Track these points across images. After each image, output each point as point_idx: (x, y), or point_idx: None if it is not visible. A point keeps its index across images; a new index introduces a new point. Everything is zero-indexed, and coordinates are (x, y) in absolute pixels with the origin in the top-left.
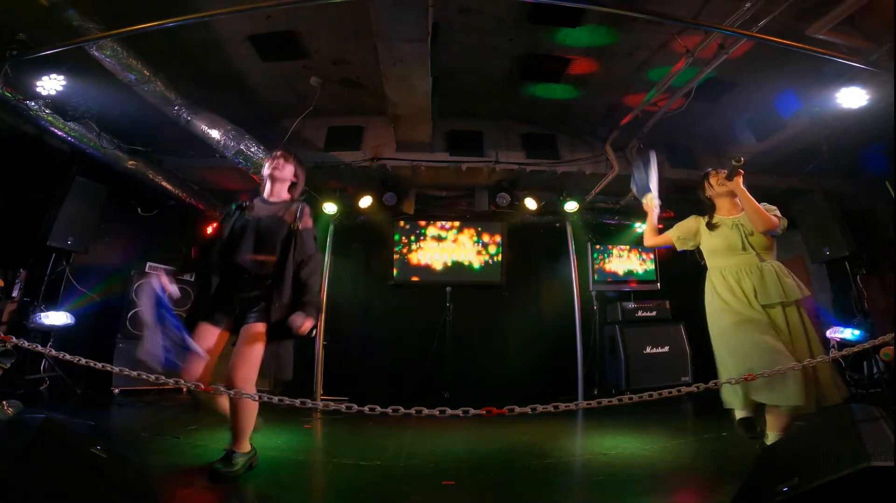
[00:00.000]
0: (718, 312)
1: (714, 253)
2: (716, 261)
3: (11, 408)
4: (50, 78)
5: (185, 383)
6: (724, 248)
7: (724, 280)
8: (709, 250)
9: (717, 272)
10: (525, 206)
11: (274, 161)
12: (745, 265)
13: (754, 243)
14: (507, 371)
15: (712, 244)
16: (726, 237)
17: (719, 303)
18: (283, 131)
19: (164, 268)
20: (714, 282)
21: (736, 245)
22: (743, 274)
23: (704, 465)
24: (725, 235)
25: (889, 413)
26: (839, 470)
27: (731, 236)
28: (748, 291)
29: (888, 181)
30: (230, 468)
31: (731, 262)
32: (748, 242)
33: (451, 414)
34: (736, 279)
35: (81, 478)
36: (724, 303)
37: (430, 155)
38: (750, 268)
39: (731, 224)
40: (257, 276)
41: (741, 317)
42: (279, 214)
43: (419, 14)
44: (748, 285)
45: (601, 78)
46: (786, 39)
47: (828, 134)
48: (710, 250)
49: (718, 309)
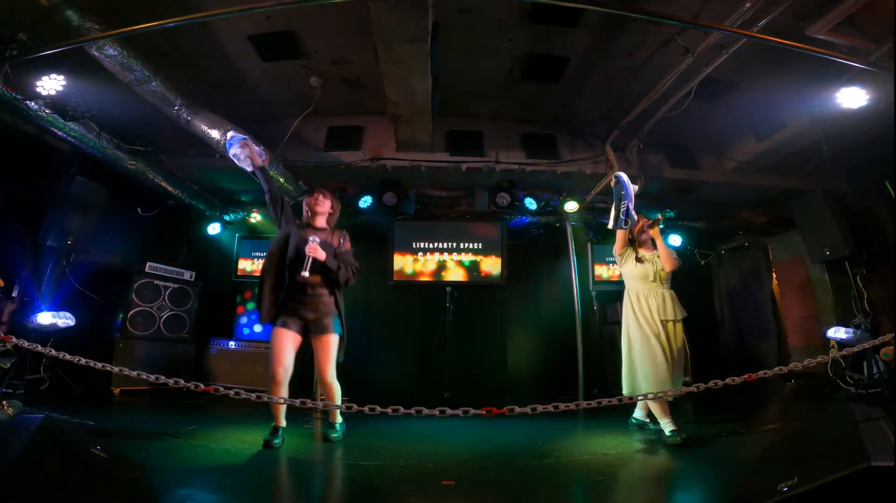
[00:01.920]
0: (632, 322)
1: (634, 278)
2: (633, 283)
3: (11, 408)
4: (50, 78)
5: (187, 383)
6: (641, 276)
7: (638, 299)
8: (630, 275)
9: (633, 292)
10: (525, 205)
11: (314, 198)
12: (653, 290)
13: (660, 276)
14: (507, 371)
15: (634, 272)
16: (644, 268)
17: (632, 315)
18: (283, 131)
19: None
20: (631, 299)
21: (649, 275)
22: (651, 296)
23: (704, 465)
24: (644, 267)
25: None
26: (839, 470)
27: (648, 268)
28: (653, 309)
29: (888, 181)
30: (335, 433)
31: (644, 287)
32: (657, 275)
33: (451, 414)
34: (646, 299)
35: (81, 478)
36: (635, 316)
37: (430, 155)
38: (655, 292)
39: (648, 259)
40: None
41: (644, 330)
42: (328, 240)
43: (419, 14)
44: (654, 304)
45: (601, 78)
46: (786, 39)
47: (828, 134)
48: (631, 275)
49: (632, 320)
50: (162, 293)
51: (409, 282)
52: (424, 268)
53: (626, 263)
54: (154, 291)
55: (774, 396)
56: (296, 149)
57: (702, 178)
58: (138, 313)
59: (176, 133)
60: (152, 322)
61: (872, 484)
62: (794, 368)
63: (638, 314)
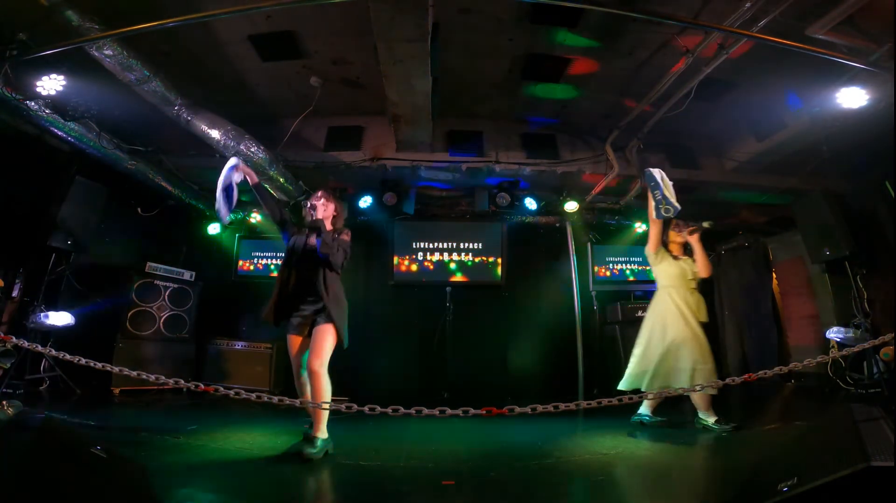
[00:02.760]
0: (669, 319)
1: (671, 277)
2: (669, 282)
3: (11, 408)
4: (50, 78)
5: (187, 383)
6: (679, 276)
7: (673, 299)
8: (666, 274)
9: (668, 291)
10: (525, 205)
11: (317, 200)
12: (689, 291)
13: (695, 278)
14: (507, 371)
15: (671, 271)
16: (681, 269)
17: (667, 313)
18: (283, 131)
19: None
20: (668, 297)
21: (687, 275)
22: (688, 296)
23: (704, 465)
24: (681, 267)
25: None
26: (839, 470)
27: (685, 269)
28: (691, 308)
29: (888, 181)
30: (314, 450)
31: (681, 287)
32: (692, 278)
33: (451, 414)
34: (683, 299)
35: (81, 478)
36: (667, 314)
37: (430, 155)
38: (691, 293)
39: (684, 262)
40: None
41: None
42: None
43: (419, 14)
44: (692, 304)
45: (601, 78)
46: (786, 39)
47: (828, 134)
48: (667, 275)
49: (668, 317)
50: (162, 293)
51: (410, 282)
52: (424, 268)
53: (661, 262)
54: (154, 291)
55: (774, 396)
56: (296, 149)
57: (702, 178)
58: (138, 313)
59: (176, 133)
60: (152, 322)
61: (872, 484)
62: (794, 368)
63: (671, 313)
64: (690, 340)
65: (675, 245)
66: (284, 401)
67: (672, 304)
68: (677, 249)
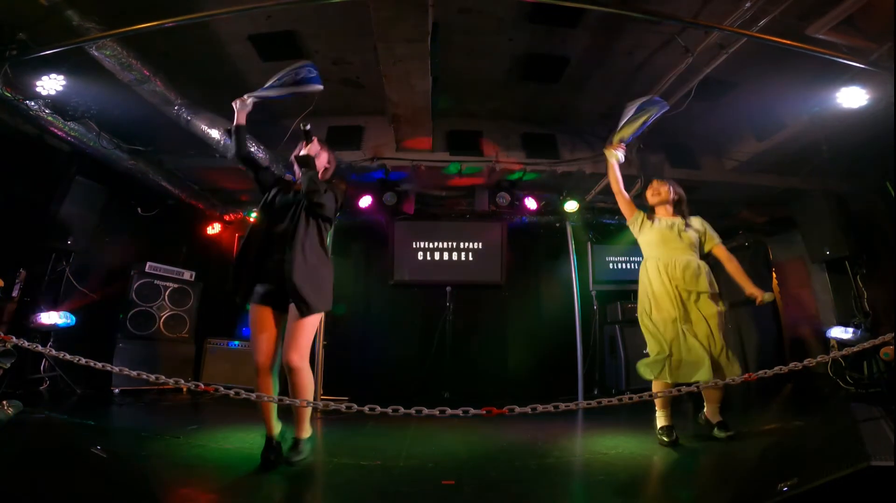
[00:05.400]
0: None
1: (650, 245)
2: (652, 251)
3: (11, 408)
4: (50, 78)
5: (187, 383)
6: (659, 244)
7: (657, 269)
8: (646, 244)
9: (653, 261)
10: (525, 205)
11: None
12: (676, 257)
13: (687, 239)
14: (507, 371)
15: (650, 238)
16: (662, 234)
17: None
18: (283, 131)
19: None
20: (646, 269)
21: (673, 241)
22: (674, 264)
23: (704, 465)
24: (662, 233)
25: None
26: (839, 470)
27: (669, 234)
28: (677, 278)
29: (888, 181)
30: (299, 455)
31: (664, 253)
32: (682, 239)
33: (451, 414)
34: (666, 269)
35: (81, 478)
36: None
37: (430, 155)
38: (679, 259)
39: (668, 223)
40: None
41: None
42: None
43: (419, 14)
44: (678, 273)
45: (601, 78)
46: (786, 39)
47: (828, 134)
48: (647, 244)
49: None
50: (162, 293)
51: (410, 282)
52: (424, 268)
53: (641, 232)
54: (154, 291)
55: (774, 396)
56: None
57: (702, 178)
58: (138, 313)
59: (176, 133)
60: (152, 322)
61: (872, 484)
62: (794, 368)
63: (657, 289)
64: (686, 323)
65: (662, 209)
66: (284, 400)
67: (647, 278)
68: (664, 212)
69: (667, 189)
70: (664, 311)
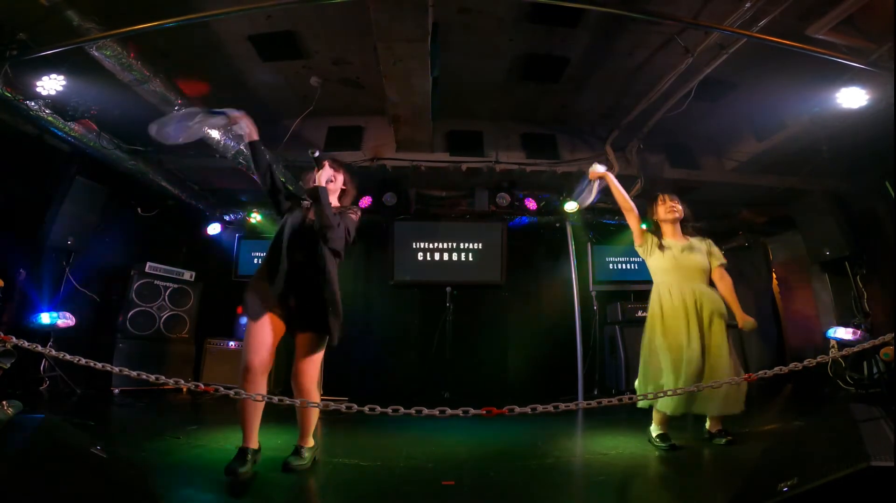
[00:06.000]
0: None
1: (660, 272)
2: (663, 277)
3: (11, 408)
4: (50, 78)
5: (187, 383)
6: (672, 271)
7: (670, 294)
8: (657, 270)
9: (664, 286)
10: (525, 205)
11: (321, 171)
12: (685, 283)
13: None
14: (507, 371)
15: (661, 265)
16: (675, 261)
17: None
18: (283, 131)
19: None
20: (661, 293)
21: (681, 266)
22: (684, 290)
23: (704, 465)
24: (675, 259)
25: (889, 413)
26: (839, 470)
27: (682, 261)
28: (686, 303)
29: (888, 181)
30: (301, 461)
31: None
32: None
33: (451, 414)
34: (680, 296)
35: (81, 478)
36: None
37: (430, 155)
38: (687, 287)
39: (678, 247)
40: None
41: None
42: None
43: (419, 14)
44: (688, 299)
45: (601, 78)
46: (786, 39)
47: (828, 134)
48: (658, 270)
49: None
50: (162, 293)
51: (410, 282)
52: (424, 268)
53: (651, 254)
54: (154, 291)
55: (774, 396)
56: (296, 149)
57: (702, 178)
58: (138, 313)
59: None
60: (152, 322)
61: (872, 484)
62: (794, 368)
63: (666, 309)
64: (695, 353)
65: (668, 226)
66: (284, 401)
67: (658, 303)
68: (671, 231)
69: (680, 206)
70: (674, 337)
